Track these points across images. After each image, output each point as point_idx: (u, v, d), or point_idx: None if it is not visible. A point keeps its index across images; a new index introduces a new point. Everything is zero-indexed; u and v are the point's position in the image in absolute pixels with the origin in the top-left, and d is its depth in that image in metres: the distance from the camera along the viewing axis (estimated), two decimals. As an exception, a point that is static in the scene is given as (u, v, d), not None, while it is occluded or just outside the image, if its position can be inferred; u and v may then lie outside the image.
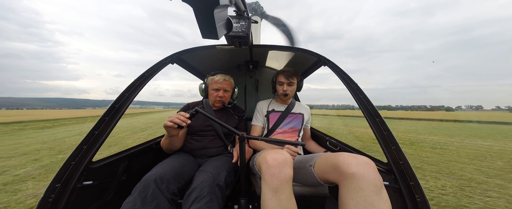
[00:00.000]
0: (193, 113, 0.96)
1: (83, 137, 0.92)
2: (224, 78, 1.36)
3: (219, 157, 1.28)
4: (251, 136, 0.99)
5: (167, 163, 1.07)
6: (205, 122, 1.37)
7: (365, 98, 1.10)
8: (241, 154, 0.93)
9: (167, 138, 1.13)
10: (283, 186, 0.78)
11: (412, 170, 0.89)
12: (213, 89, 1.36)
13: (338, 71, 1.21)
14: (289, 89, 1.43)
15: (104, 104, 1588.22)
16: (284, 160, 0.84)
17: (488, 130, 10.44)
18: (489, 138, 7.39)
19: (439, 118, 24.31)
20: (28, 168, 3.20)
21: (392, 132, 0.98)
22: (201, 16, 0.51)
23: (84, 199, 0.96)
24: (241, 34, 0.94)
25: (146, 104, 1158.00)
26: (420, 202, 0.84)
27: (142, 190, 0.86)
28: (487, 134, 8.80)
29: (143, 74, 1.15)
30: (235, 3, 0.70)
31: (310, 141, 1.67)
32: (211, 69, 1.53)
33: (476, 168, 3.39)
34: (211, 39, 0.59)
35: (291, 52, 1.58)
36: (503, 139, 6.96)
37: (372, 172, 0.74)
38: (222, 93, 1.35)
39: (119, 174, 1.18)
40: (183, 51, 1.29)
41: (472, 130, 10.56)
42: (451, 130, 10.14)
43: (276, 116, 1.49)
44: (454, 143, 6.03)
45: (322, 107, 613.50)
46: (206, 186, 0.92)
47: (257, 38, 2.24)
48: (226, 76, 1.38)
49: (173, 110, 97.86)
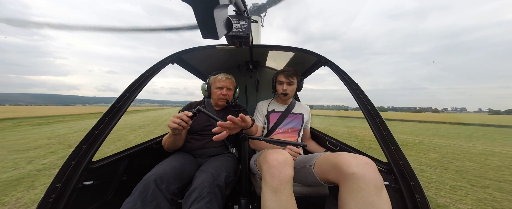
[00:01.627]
0: (195, 112, 0.96)
1: (85, 133, 0.93)
2: (227, 77, 1.41)
3: (219, 157, 1.29)
4: (253, 136, 0.99)
5: (167, 163, 1.07)
6: (206, 122, 1.37)
7: (366, 98, 1.10)
8: (243, 154, 0.93)
9: (170, 137, 1.15)
10: (284, 186, 0.78)
11: (412, 170, 0.89)
12: (216, 88, 1.39)
13: (338, 71, 1.21)
14: (289, 88, 1.43)
15: (94, 101, 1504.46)
16: (285, 160, 0.84)
17: (452, 131, 11.84)
18: (444, 136, 8.63)
19: (426, 120, 24.67)
20: (49, 158, 3.56)
21: (391, 132, 0.98)
22: (201, 16, 0.51)
23: (84, 199, 0.96)
24: (241, 34, 0.94)
25: (140, 101, 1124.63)
26: (420, 202, 0.84)
27: (142, 190, 0.86)
28: (449, 133, 10.13)
29: (144, 74, 1.16)
30: (235, 2, 0.70)
31: (310, 141, 1.67)
32: (211, 69, 1.55)
33: (415, 158, 4.37)
34: (211, 39, 0.59)
35: (291, 52, 1.57)
36: (456, 138, 8.19)
37: (372, 172, 0.74)
38: (225, 91, 1.38)
39: (119, 174, 1.18)
40: (183, 51, 1.29)
41: (441, 131, 11.88)
42: (424, 131, 11.38)
43: (276, 116, 1.50)
44: (415, 141, 7.08)
45: (318, 107, 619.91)
46: (206, 186, 0.92)
47: (257, 38, 2.30)
48: (228, 75, 1.42)
49: (168, 108, 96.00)
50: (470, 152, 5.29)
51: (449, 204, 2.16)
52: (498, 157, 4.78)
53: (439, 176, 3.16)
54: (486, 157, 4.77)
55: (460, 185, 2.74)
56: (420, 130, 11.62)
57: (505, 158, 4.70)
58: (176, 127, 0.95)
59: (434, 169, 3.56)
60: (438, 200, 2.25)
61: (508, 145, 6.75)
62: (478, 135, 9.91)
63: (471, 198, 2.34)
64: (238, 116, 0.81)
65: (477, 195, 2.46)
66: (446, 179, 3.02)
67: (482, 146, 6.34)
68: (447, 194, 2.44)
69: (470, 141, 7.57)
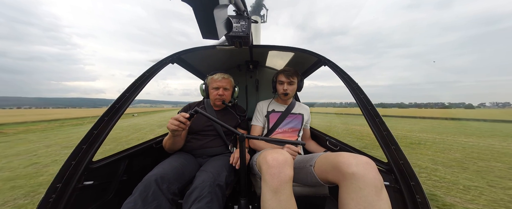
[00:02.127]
0: (192, 114, 0.96)
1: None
2: (223, 77, 1.38)
3: (220, 156, 1.29)
4: (251, 136, 0.99)
5: (168, 163, 1.07)
6: (206, 122, 1.37)
7: (365, 98, 1.10)
8: (241, 154, 0.93)
9: (170, 138, 1.15)
10: (283, 187, 0.78)
11: (412, 170, 0.89)
12: (213, 88, 1.38)
13: (338, 71, 1.22)
14: (290, 88, 1.43)
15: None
16: (285, 160, 0.84)
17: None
18: (474, 135, 7.91)
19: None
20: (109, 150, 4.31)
21: (391, 132, 0.98)
22: (201, 16, 0.52)
23: (84, 199, 0.96)
24: (241, 34, 0.94)
25: (156, 102, 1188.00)
26: (420, 203, 0.84)
27: (143, 190, 0.86)
28: (481, 131, 9.24)
29: (143, 74, 1.15)
30: (235, 2, 0.70)
31: (310, 141, 1.67)
32: (211, 69, 1.55)
33: (431, 158, 4.21)
34: (211, 39, 0.59)
35: (291, 52, 1.57)
36: (488, 137, 7.44)
37: (372, 172, 0.74)
38: (221, 91, 1.36)
39: (119, 174, 1.18)
40: (183, 51, 1.29)
41: (471, 128, 10.85)
42: (449, 129, 10.54)
43: (276, 116, 1.50)
44: (435, 139, 6.68)
45: (329, 105, 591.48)
46: (206, 186, 0.92)
47: (257, 38, 2.32)
48: (224, 75, 1.40)
49: (180, 109, 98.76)
50: (502, 152, 4.84)
51: (457, 204, 2.11)
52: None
53: (455, 176, 3.04)
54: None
55: (477, 186, 2.59)
56: (444, 128, 10.76)
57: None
58: (175, 129, 0.95)
59: (450, 169, 3.41)
60: (446, 199, 2.21)
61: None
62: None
63: (485, 198, 2.23)
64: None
65: (493, 195, 2.32)
66: (461, 179, 2.90)
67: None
68: (458, 193, 2.35)
69: (506, 140, 6.87)
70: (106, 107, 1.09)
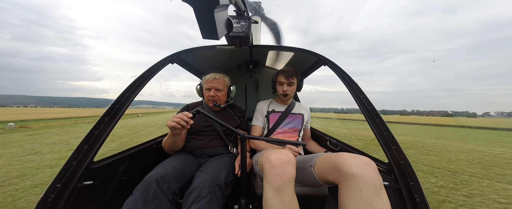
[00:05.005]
0: (195, 113, 0.96)
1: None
2: (214, 77, 1.33)
3: (220, 157, 1.29)
4: (252, 136, 0.99)
5: (168, 163, 1.08)
6: (206, 122, 1.37)
7: (365, 99, 1.11)
8: (242, 154, 0.94)
9: (170, 138, 1.15)
10: (286, 186, 0.79)
11: (413, 170, 0.89)
12: (205, 89, 1.35)
13: (338, 71, 1.22)
14: (289, 89, 1.43)
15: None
16: (288, 160, 0.85)
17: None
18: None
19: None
20: (109, 146, 4.88)
21: (392, 132, 0.99)
22: (201, 16, 0.52)
23: (84, 199, 0.96)
24: (242, 34, 0.95)
25: (158, 104, 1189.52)
26: (419, 203, 0.85)
27: (143, 190, 0.86)
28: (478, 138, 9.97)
29: (143, 74, 1.15)
30: (235, 2, 0.71)
31: (310, 141, 1.67)
32: (211, 69, 1.54)
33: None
34: (212, 39, 0.59)
35: (291, 52, 1.57)
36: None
37: (372, 172, 0.75)
38: (213, 92, 1.32)
39: (119, 174, 1.19)
40: (183, 51, 1.29)
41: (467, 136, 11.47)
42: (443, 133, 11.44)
43: (276, 116, 1.50)
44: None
45: (330, 110, 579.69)
46: (206, 186, 0.93)
47: (257, 38, 2.28)
48: (216, 75, 1.35)
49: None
50: (448, 150, 5.61)
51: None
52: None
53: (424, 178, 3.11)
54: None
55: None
56: (426, 132, 11.65)
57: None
58: (175, 126, 0.95)
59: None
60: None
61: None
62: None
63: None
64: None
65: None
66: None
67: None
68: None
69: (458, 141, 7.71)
70: (109, 107, 1.11)
